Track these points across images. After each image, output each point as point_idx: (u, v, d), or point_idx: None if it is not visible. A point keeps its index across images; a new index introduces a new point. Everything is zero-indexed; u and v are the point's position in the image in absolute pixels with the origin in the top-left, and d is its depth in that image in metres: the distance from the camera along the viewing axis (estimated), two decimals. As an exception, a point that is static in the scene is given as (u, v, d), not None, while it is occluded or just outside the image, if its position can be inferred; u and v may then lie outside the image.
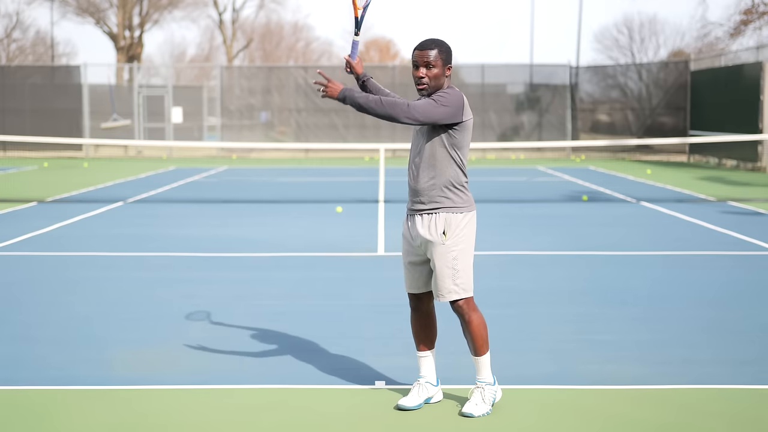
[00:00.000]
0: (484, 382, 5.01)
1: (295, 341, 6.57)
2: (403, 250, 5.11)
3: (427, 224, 4.93)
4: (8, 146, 32.02)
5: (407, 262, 5.07)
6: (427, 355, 5.16)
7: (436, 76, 4.88)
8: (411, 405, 5.03)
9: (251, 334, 6.76)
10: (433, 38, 4.96)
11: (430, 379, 5.14)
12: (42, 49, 58.54)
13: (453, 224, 4.90)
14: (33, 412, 5.04)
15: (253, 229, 12.58)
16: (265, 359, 6.10)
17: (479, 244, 11.47)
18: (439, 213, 4.92)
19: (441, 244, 4.89)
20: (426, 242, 4.94)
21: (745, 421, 4.92)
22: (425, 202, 4.94)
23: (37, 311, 7.56)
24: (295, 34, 70.62)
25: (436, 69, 4.87)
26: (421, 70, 4.89)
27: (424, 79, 4.88)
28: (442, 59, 4.89)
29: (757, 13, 33.19)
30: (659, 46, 58.33)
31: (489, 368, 5.02)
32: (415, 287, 5.08)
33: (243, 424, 4.86)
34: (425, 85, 4.89)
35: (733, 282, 8.82)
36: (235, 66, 40.41)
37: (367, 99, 4.84)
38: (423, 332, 5.15)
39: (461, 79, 34.40)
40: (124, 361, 6.05)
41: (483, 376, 5.01)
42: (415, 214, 4.98)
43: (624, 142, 29.24)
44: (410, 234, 5.02)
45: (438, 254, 4.90)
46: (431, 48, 4.89)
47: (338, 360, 6.05)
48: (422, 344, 5.16)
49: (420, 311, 5.14)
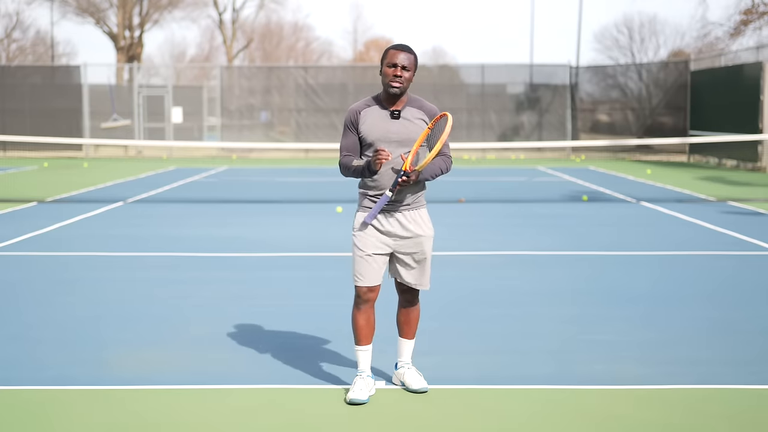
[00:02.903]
0: (411, 361, 5.50)
1: (294, 341, 6.56)
2: (368, 244, 5.19)
3: (413, 219, 5.22)
4: (8, 146, 32.01)
5: (373, 254, 5.18)
6: (368, 349, 5.32)
7: (409, 80, 5.15)
8: (364, 398, 5.16)
9: (249, 334, 6.74)
10: (406, 44, 5.27)
11: (369, 372, 5.32)
12: (42, 49, 58.58)
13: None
14: (31, 412, 5.03)
15: (253, 229, 12.57)
16: (264, 359, 6.08)
17: (479, 243, 11.52)
18: (420, 209, 5.27)
19: (431, 237, 5.26)
20: (418, 239, 5.22)
21: (746, 421, 4.91)
22: (410, 202, 5.23)
23: (36, 311, 7.55)
24: (295, 34, 70.64)
25: (410, 73, 5.15)
26: (399, 69, 5.10)
27: (401, 78, 5.10)
28: (415, 66, 5.18)
29: (757, 13, 33.18)
30: (659, 46, 58.39)
31: None
32: (377, 279, 5.22)
33: (241, 424, 4.85)
34: (401, 85, 5.12)
35: (734, 282, 8.81)
36: (235, 66, 40.40)
37: (433, 172, 5.21)
38: (368, 326, 5.29)
39: (461, 79, 34.41)
40: (122, 361, 6.04)
41: (410, 356, 5.47)
42: (398, 211, 5.19)
43: (624, 142, 29.23)
44: (387, 228, 5.19)
45: (429, 248, 5.26)
46: (410, 52, 5.18)
47: (337, 360, 6.04)
48: (367, 339, 5.30)
49: (370, 305, 5.27)
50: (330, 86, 32.77)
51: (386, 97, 5.18)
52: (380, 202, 5.10)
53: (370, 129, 5.16)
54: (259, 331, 6.83)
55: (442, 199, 16.52)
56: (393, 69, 5.09)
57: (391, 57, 5.10)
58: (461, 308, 7.65)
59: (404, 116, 5.17)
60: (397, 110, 5.16)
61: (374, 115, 5.18)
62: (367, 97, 5.28)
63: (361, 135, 5.20)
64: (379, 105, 5.20)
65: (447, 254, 10.29)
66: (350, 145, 5.25)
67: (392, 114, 5.16)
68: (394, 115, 5.15)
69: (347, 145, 5.26)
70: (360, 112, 5.21)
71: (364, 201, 5.25)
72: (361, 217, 5.23)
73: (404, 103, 5.20)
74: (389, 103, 5.19)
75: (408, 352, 5.44)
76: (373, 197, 5.21)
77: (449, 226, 12.69)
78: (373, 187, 5.20)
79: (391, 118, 5.16)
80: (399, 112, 5.16)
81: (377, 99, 5.23)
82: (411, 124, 5.16)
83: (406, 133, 5.14)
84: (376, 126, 5.16)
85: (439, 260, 9.94)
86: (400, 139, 5.14)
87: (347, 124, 5.25)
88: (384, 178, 5.16)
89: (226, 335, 6.71)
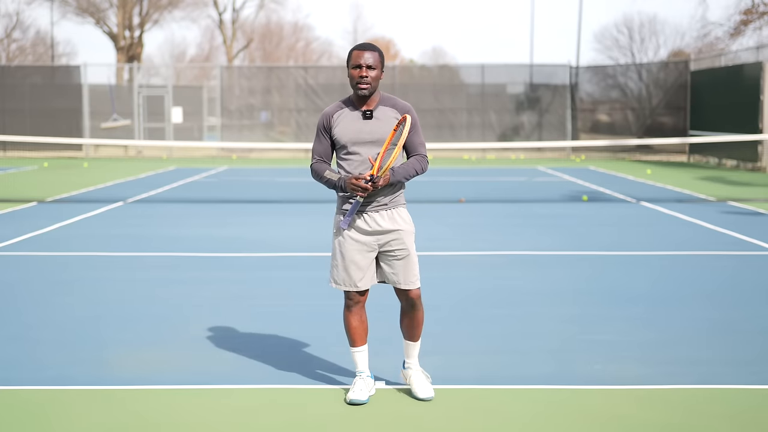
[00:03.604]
0: (418, 364, 5.40)
1: (294, 341, 6.55)
2: (353, 249, 5.15)
3: (390, 217, 5.18)
4: (8, 146, 32.00)
5: (360, 259, 5.15)
6: (364, 349, 5.32)
7: (376, 78, 5.10)
8: (364, 399, 5.15)
9: (250, 334, 6.74)
10: (370, 42, 5.22)
11: (368, 373, 5.32)
12: (42, 49, 58.56)
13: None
14: (31, 413, 5.02)
15: (253, 229, 12.57)
16: (264, 359, 6.08)
17: (480, 243, 11.52)
18: (398, 207, 5.23)
19: (411, 232, 5.23)
20: (398, 233, 5.16)
21: (747, 421, 4.90)
22: (387, 202, 5.18)
23: (36, 311, 7.54)
24: (295, 34, 70.62)
25: (377, 70, 5.09)
26: (364, 69, 5.06)
27: (367, 78, 5.06)
28: (381, 63, 5.12)
29: (757, 13, 33.18)
30: (659, 46, 58.35)
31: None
32: (366, 283, 5.20)
33: (241, 424, 4.84)
34: (368, 85, 5.08)
35: (734, 282, 8.80)
36: (235, 66, 40.40)
37: (407, 173, 5.15)
38: (362, 327, 5.29)
39: (461, 79, 34.40)
40: (121, 361, 6.03)
41: (416, 358, 5.38)
42: (374, 210, 5.16)
43: (624, 142, 29.22)
44: (365, 228, 5.15)
45: (410, 243, 5.20)
46: (373, 50, 5.11)
47: (337, 360, 6.03)
48: (362, 340, 5.30)
49: (360, 306, 5.26)
50: (330, 86, 32.77)
51: (357, 99, 5.15)
52: (352, 208, 5.09)
53: (342, 131, 5.13)
54: (259, 331, 6.83)
55: (442, 199, 16.52)
56: (358, 70, 5.05)
57: (354, 58, 5.06)
58: (462, 308, 7.65)
59: (376, 116, 5.13)
60: (369, 110, 5.13)
61: (347, 117, 5.15)
62: (338, 101, 5.25)
63: (334, 137, 5.16)
64: (351, 106, 5.17)
65: (447, 254, 10.29)
66: (322, 150, 5.23)
67: (364, 114, 5.12)
68: (366, 115, 5.12)
69: (319, 149, 5.23)
70: (332, 116, 5.18)
71: (340, 203, 5.23)
72: (338, 219, 5.22)
73: (376, 102, 5.16)
74: (360, 104, 5.15)
75: (414, 353, 5.37)
76: (349, 198, 5.18)
77: (449, 226, 12.69)
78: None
79: (363, 119, 5.12)
80: (371, 111, 5.13)
81: (349, 101, 5.20)
82: (384, 124, 5.12)
83: (380, 133, 5.11)
84: (349, 127, 5.12)
85: (440, 260, 9.94)
86: (374, 139, 5.11)
87: (320, 128, 5.22)
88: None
89: (226, 335, 6.71)
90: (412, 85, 32.13)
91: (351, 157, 5.14)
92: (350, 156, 5.15)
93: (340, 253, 5.19)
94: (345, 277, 5.19)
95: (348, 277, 5.18)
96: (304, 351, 6.28)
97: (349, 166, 5.14)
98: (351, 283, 5.19)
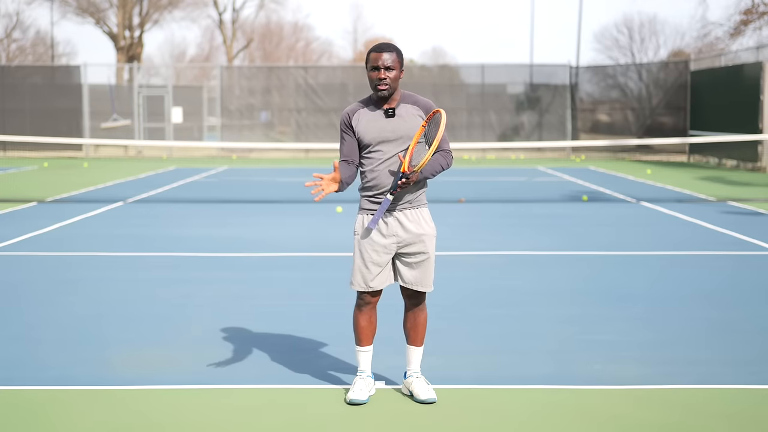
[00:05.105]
0: (420, 370, 5.38)
1: (294, 341, 6.57)
2: (371, 250, 5.14)
3: (414, 219, 5.16)
4: (8, 146, 32.01)
5: (378, 260, 5.14)
6: (369, 350, 5.32)
7: (396, 78, 5.06)
8: (364, 399, 5.16)
9: (250, 334, 6.76)
10: (388, 42, 5.17)
11: (369, 373, 5.32)
12: (42, 49, 58.58)
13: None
14: (33, 412, 5.04)
15: (253, 229, 12.58)
16: (264, 359, 6.10)
17: (479, 243, 11.53)
18: (421, 207, 5.22)
19: (433, 235, 5.21)
20: (421, 236, 5.14)
21: (746, 421, 4.92)
22: (411, 200, 5.16)
23: (37, 311, 7.56)
24: (295, 34, 70.64)
25: (395, 71, 5.05)
26: (382, 72, 5.03)
27: (386, 80, 5.03)
28: (400, 62, 5.07)
29: (757, 13, 33.20)
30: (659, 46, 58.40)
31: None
32: (381, 284, 5.19)
33: (242, 423, 4.86)
34: (387, 86, 5.04)
35: (733, 282, 8.82)
36: (235, 66, 40.39)
37: (434, 169, 5.13)
38: (370, 327, 5.29)
39: (461, 79, 34.41)
40: (124, 361, 6.05)
41: (419, 365, 5.33)
42: (398, 210, 5.14)
43: (624, 142, 29.23)
44: (388, 230, 5.14)
45: (432, 246, 5.19)
46: (390, 51, 5.05)
47: (337, 360, 6.05)
48: (368, 340, 5.29)
49: (371, 307, 5.27)
50: (330, 86, 32.78)
51: (377, 99, 5.13)
52: (381, 207, 5.06)
53: (365, 130, 5.11)
54: (259, 331, 6.85)
55: (442, 199, 16.54)
56: (376, 72, 5.02)
57: (373, 60, 5.04)
58: (460, 308, 7.67)
59: (399, 114, 5.10)
60: (392, 108, 5.10)
61: (368, 116, 5.12)
62: (357, 101, 5.23)
63: (358, 136, 5.14)
64: (372, 105, 5.15)
65: (447, 254, 10.31)
66: (347, 149, 5.18)
67: (386, 112, 5.10)
68: (388, 113, 5.10)
69: (344, 149, 5.20)
70: (353, 114, 5.15)
71: (364, 203, 5.20)
72: (361, 219, 5.19)
73: (397, 101, 5.13)
74: (382, 103, 5.13)
75: (417, 360, 5.32)
76: (371, 198, 5.16)
77: (449, 226, 12.70)
78: (371, 188, 5.15)
79: (386, 117, 5.10)
80: (393, 110, 5.10)
81: (369, 100, 5.17)
82: (407, 121, 5.10)
83: (403, 131, 5.09)
84: (371, 126, 5.10)
85: (439, 260, 9.94)
86: (397, 137, 5.08)
87: (342, 128, 5.18)
88: (382, 179, 5.10)
89: (227, 335, 6.73)
90: (412, 85, 32.12)
91: (374, 155, 5.12)
92: (373, 154, 5.13)
93: (360, 254, 5.18)
94: (359, 277, 5.17)
95: (362, 277, 5.17)
96: (304, 351, 6.30)
97: (372, 164, 5.12)
98: (365, 283, 5.18)
